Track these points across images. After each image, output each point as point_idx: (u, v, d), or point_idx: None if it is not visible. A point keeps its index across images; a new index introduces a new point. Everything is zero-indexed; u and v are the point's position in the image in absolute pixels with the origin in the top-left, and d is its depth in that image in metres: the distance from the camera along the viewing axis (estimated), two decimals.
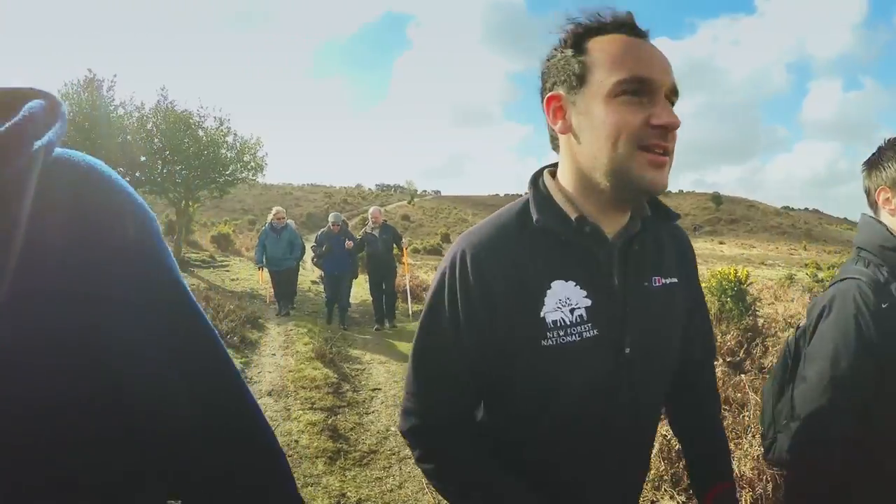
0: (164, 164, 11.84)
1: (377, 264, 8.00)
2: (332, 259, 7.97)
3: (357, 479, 3.49)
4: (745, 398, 3.97)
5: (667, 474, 3.31)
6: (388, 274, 8.10)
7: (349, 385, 5.15)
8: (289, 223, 8.86)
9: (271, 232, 8.52)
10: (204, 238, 17.22)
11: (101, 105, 10.95)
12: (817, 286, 14.84)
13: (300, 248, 8.91)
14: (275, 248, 8.49)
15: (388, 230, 8.16)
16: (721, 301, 6.58)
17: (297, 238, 8.82)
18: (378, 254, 7.99)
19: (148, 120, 11.56)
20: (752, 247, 51.61)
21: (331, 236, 8.01)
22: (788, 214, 78.34)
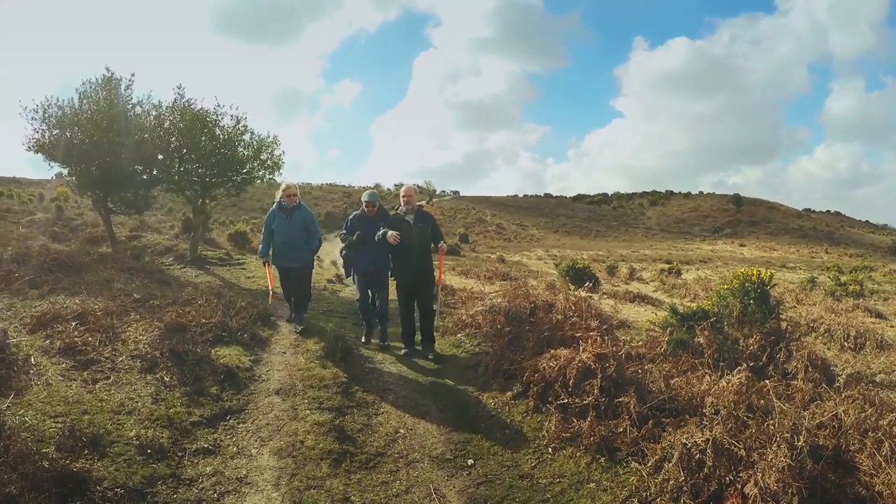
0: (181, 163, 11.84)
1: (408, 263, 6.10)
2: (367, 251, 6.27)
3: (362, 482, 3.39)
4: (770, 405, 3.76)
5: (687, 484, 3.14)
6: (423, 278, 6.21)
7: (359, 385, 5.03)
8: (303, 204, 6.92)
9: (280, 213, 6.66)
10: (221, 236, 17.30)
11: (118, 103, 10.97)
12: (839, 290, 14.44)
13: (317, 236, 7.02)
14: (286, 234, 6.63)
15: (424, 218, 6.27)
16: (743, 303, 6.34)
17: (313, 222, 6.93)
18: (410, 248, 6.03)
19: (165, 118, 11.54)
20: (773, 249, 50.55)
21: (365, 221, 6.37)
22: (809, 217, 76.51)
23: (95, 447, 3.29)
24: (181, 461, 3.43)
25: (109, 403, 3.92)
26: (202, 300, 6.72)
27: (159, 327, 5.48)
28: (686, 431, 3.50)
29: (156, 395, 4.19)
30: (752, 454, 3.21)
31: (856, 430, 3.41)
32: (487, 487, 3.42)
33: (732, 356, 5.11)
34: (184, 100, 11.67)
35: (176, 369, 4.64)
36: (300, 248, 6.78)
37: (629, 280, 17.02)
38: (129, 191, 11.92)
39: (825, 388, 4.22)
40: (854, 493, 3.01)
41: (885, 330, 7.93)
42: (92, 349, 4.72)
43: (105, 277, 7.78)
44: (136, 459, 3.28)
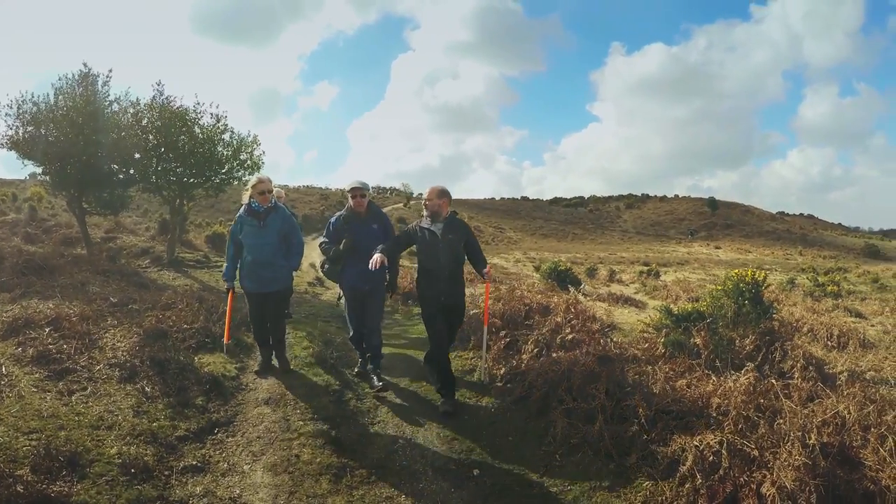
0: (159, 162, 11.47)
1: (434, 289, 4.73)
2: (358, 262, 4.78)
3: (365, 498, 3.21)
4: (776, 405, 3.71)
5: (703, 487, 3.06)
6: (455, 305, 4.85)
7: (352, 393, 4.83)
8: (281, 205, 5.29)
9: (250, 219, 4.95)
10: (199, 238, 16.86)
11: (96, 100, 10.55)
12: (818, 291, 14.68)
13: (300, 249, 5.30)
14: (259, 248, 4.94)
15: (457, 228, 4.84)
16: (738, 304, 6.31)
17: (294, 229, 5.26)
18: (439, 268, 4.71)
19: (143, 116, 11.20)
20: (748, 251, 51.60)
21: (353, 223, 4.96)
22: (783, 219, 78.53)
23: (74, 467, 3.03)
24: (168, 481, 3.19)
25: (87, 417, 3.65)
26: (183, 304, 6.43)
27: (138, 333, 5.21)
28: (698, 433, 3.41)
29: (137, 407, 3.93)
30: (765, 454, 3.18)
31: (858, 427, 3.38)
32: (497, 498, 3.26)
33: (728, 357, 5.07)
34: (163, 97, 11.36)
35: (158, 378, 4.38)
36: (278, 267, 5.04)
37: (609, 282, 17.07)
38: (105, 191, 11.51)
39: (822, 387, 4.18)
40: (863, 489, 2.97)
41: (867, 329, 8.05)
42: (67, 357, 4.43)
43: (80, 280, 7.44)
44: (119, 480, 3.03)
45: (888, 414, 3.50)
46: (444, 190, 4.93)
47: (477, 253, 4.94)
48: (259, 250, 4.96)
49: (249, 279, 5.06)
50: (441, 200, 4.85)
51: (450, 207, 5.00)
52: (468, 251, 4.93)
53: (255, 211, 4.98)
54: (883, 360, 6.18)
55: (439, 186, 4.95)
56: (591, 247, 48.85)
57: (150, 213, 28.06)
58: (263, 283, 5.03)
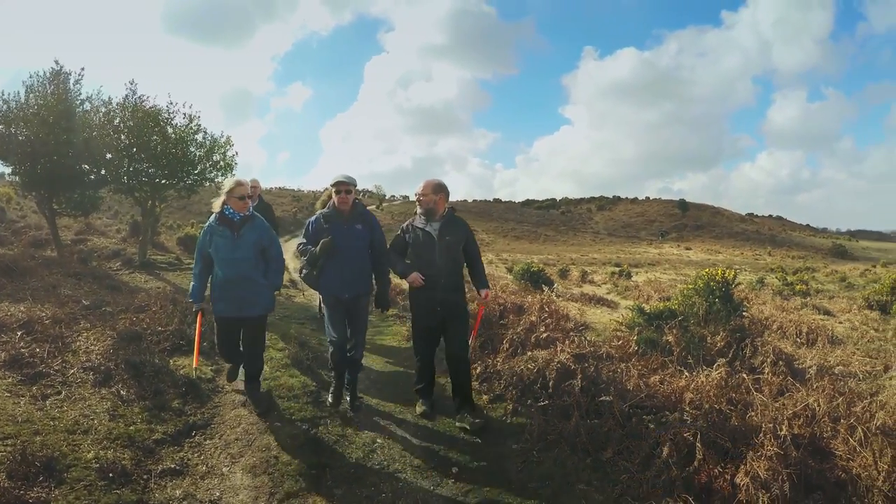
0: (131, 162, 11.19)
1: (430, 294, 4.29)
2: (339, 267, 4.31)
3: (346, 497, 3.22)
4: (747, 398, 3.85)
5: (679, 478, 3.15)
6: (453, 315, 4.35)
7: (329, 394, 4.82)
8: (257, 216, 4.48)
9: (222, 229, 4.23)
10: (170, 240, 16.58)
11: (67, 99, 10.32)
12: (787, 290, 15.08)
13: (280, 265, 4.64)
14: (232, 263, 4.23)
15: (455, 227, 4.38)
16: (709, 302, 6.48)
17: (274, 242, 4.51)
18: (434, 273, 4.27)
19: (115, 115, 10.94)
20: (718, 252, 52.73)
21: (335, 223, 4.34)
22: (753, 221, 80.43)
23: (51, 472, 2.99)
24: (147, 485, 3.16)
25: (63, 422, 3.59)
26: (156, 307, 6.33)
27: (112, 336, 5.13)
28: (672, 427, 3.51)
29: (113, 410, 3.87)
30: (738, 445, 3.30)
31: (828, 419, 3.53)
32: (476, 495, 3.30)
33: (700, 353, 5.20)
34: (135, 96, 11.12)
35: (133, 382, 4.32)
36: (256, 285, 4.29)
37: (582, 283, 17.29)
38: (76, 191, 11.24)
39: (792, 381, 4.33)
40: (834, 477, 3.11)
41: (835, 326, 8.31)
42: (40, 361, 4.35)
43: (51, 283, 7.27)
44: (97, 485, 2.99)
45: (857, 405, 3.65)
46: (441, 184, 4.37)
47: (476, 263, 4.50)
48: (233, 266, 4.23)
49: (221, 300, 4.26)
50: (437, 196, 4.31)
51: (447, 203, 4.43)
52: (467, 258, 4.46)
53: (228, 219, 4.23)
54: (851, 355, 6.40)
55: (435, 180, 4.39)
56: (564, 248, 49.40)
57: (120, 215, 27.53)
58: (238, 306, 4.27)
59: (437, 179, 4.41)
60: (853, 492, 3.02)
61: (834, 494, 3.02)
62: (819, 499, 2.97)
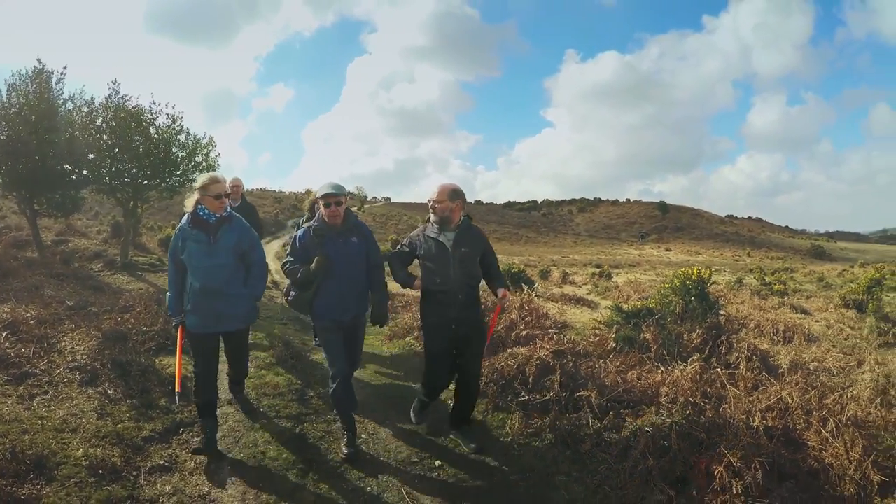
0: (113, 163, 11.10)
1: (445, 313, 3.83)
2: (336, 287, 3.81)
3: (332, 491, 3.30)
4: (721, 392, 4.00)
5: (655, 468, 3.27)
6: (469, 336, 3.91)
7: (314, 391, 4.90)
8: (235, 216, 3.91)
9: (196, 233, 3.69)
10: (152, 241, 16.46)
11: (49, 98, 10.21)
12: (765, 289, 15.37)
13: (262, 269, 4.04)
14: (208, 271, 3.69)
15: (472, 239, 3.95)
16: (685, 300, 6.65)
17: (255, 245, 3.99)
18: (450, 289, 3.80)
19: (98, 115, 10.87)
20: (698, 253, 53.43)
21: (328, 237, 3.82)
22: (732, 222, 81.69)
23: (41, 470, 3.04)
24: (137, 481, 3.21)
25: (51, 421, 3.64)
26: (141, 307, 6.36)
27: (97, 336, 5.16)
28: (648, 419, 3.66)
29: (100, 409, 3.92)
30: (712, 436, 3.44)
31: (801, 411, 3.70)
32: (459, 488, 3.41)
33: (677, 350, 5.35)
34: (118, 96, 11.04)
35: (119, 381, 4.37)
36: (236, 297, 3.77)
37: (562, 284, 17.47)
38: (58, 192, 11.12)
39: (766, 376, 4.50)
40: (807, 467, 3.27)
41: (811, 324, 8.52)
42: (26, 361, 4.38)
43: (34, 284, 7.25)
44: (87, 482, 3.04)
45: (828, 398, 3.84)
46: (458, 189, 3.90)
47: (494, 269, 4.08)
48: (209, 275, 3.68)
49: (196, 314, 3.70)
50: (454, 203, 3.85)
51: (463, 212, 3.98)
52: (485, 268, 4.03)
53: (203, 221, 3.70)
54: (826, 351, 6.60)
55: (451, 184, 3.91)
56: (545, 249, 49.76)
57: (101, 216, 27.12)
58: (216, 320, 3.73)
59: (452, 184, 3.92)
60: (825, 480, 3.18)
61: (807, 483, 3.18)
62: (792, 487, 3.11)
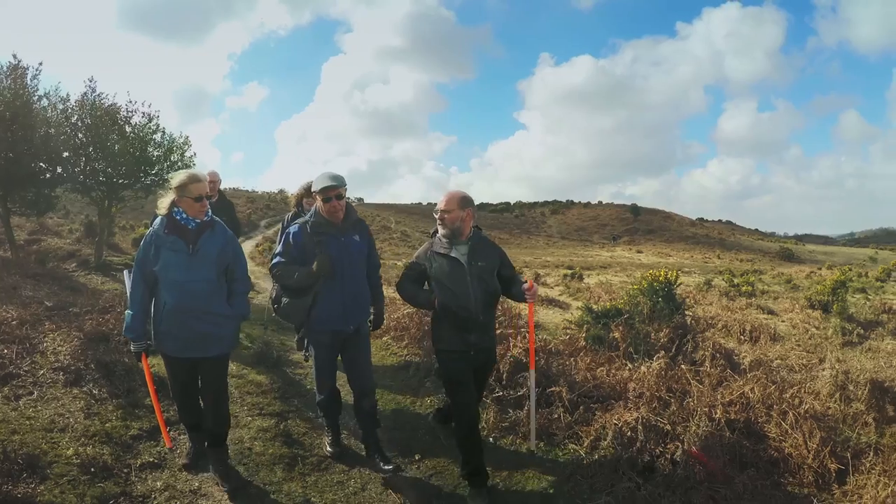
0: (88, 161, 11.00)
1: (464, 335, 3.42)
2: (337, 293, 3.44)
3: (318, 484, 3.45)
4: (686, 387, 4.24)
5: (624, 458, 3.52)
6: (488, 359, 3.70)
7: (295, 389, 5.05)
8: (218, 222, 3.40)
9: (172, 239, 3.19)
10: (125, 241, 16.28)
11: (25, 94, 9.95)
12: (733, 291, 15.85)
13: (245, 284, 3.58)
14: (184, 290, 3.17)
15: (488, 250, 3.61)
16: (653, 301, 6.93)
17: (239, 254, 3.50)
18: (469, 311, 3.40)
19: (73, 113, 10.75)
20: (669, 255, 54.38)
21: (327, 234, 3.44)
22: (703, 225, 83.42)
23: (34, 469, 3.10)
24: (128, 478, 3.30)
25: (39, 421, 3.69)
26: (121, 308, 6.38)
27: (79, 337, 5.17)
28: (616, 413, 3.88)
29: (87, 409, 3.98)
30: (676, 428, 3.67)
31: (762, 405, 3.96)
32: (438, 479, 3.59)
33: (645, 348, 5.59)
34: (95, 94, 10.93)
35: (104, 381, 4.42)
36: (218, 317, 3.26)
37: None
38: (31, 190, 10.97)
39: (730, 373, 4.78)
40: (767, 456, 3.54)
41: (777, 324, 8.87)
42: (9, 362, 4.38)
43: (11, 284, 7.20)
44: (80, 480, 3.12)
45: (788, 393, 4.12)
46: (467, 196, 3.52)
47: (511, 278, 3.66)
48: (187, 291, 3.14)
49: (171, 338, 3.19)
50: (464, 212, 3.46)
51: (474, 221, 3.60)
52: (504, 281, 3.62)
53: (181, 227, 3.17)
54: (789, 350, 6.93)
55: (459, 192, 3.52)
56: (517, 251, 50.19)
57: (72, 214, 26.56)
58: (195, 344, 3.21)
59: (461, 191, 3.54)
60: (785, 468, 3.45)
61: (767, 471, 3.44)
62: (753, 474, 3.36)
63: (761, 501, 3.19)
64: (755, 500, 3.20)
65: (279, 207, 69.80)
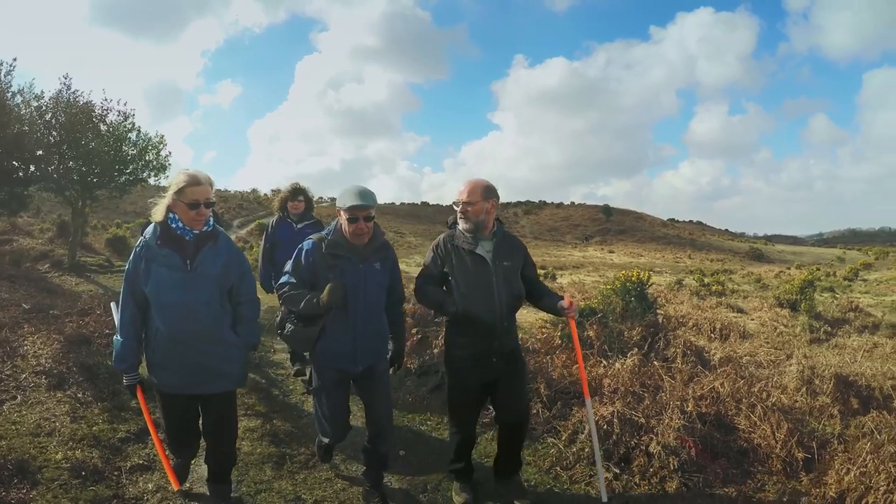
0: (62, 160, 10.82)
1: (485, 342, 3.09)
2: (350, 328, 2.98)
3: (307, 481, 3.53)
4: (660, 383, 4.44)
5: (601, 450, 3.66)
6: (513, 367, 3.22)
7: (278, 390, 5.13)
8: (222, 233, 2.92)
9: (166, 253, 2.71)
10: (98, 241, 15.97)
11: None
12: (703, 290, 16.29)
13: (254, 306, 3.07)
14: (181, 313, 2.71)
15: (514, 247, 3.27)
16: (625, 300, 7.15)
17: (245, 272, 2.98)
18: (492, 316, 3.06)
19: (47, 110, 10.56)
20: (641, 255, 55.21)
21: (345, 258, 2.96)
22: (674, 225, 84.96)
23: (25, 474, 3.11)
24: (120, 480, 3.32)
25: (25, 426, 3.70)
26: (101, 310, 6.37)
27: (59, 339, 5.16)
28: (592, 407, 4.03)
29: (73, 413, 3.99)
30: (650, 421, 3.87)
31: (732, 399, 4.19)
32: (423, 474, 3.70)
33: (619, 346, 5.78)
34: (70, 91, 10.74)
35: (88, 384, 4.44)
36: (222, 346, 2.83)
37: None
38: (4, 189, 10.75)
39: (701, 369, 5.00)
40: (737, 447, 3.76)
41: (747, 323, 9.18)
42: None
43: None
44: (72, 484, 3.14)
45: (756, 387, 4.37)
46: (491, 186, 3.15)
47: (539, 282, 3.38)
48: (184, 316, 2.71)
49: (166, 371, 2.78)
50: (488, 203, 3.11)
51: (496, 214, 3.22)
52: (528, 282, 3.28)
53: (177, 238, 2.73)
54: (758, 347, 7.22)
55: (482, 180, 3.14)
56: None
57: (43, 213, 25.86)
58: (195, 378, 2.79)
59: (483, 180, 3.14)
60: (755, 458, 3.68)
61: (738, 460, 3.67)
62: (724, 464, 3.59)
63: (733, 488, 3.41)
64: (727, 487, 3.43)
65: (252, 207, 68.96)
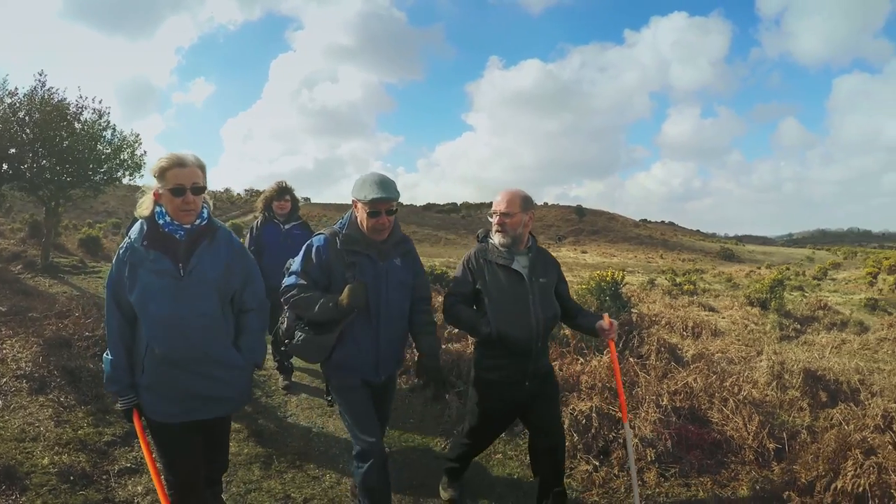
0: (35, 159, 10.55)
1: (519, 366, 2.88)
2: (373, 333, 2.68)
3: (295, 480, 3.60)
4: (635, 379, 4.61)
5: (580, 444, 3.85)
6: (547, 390, 3.02)
7: (261, 391, 5.15)
8: (221, 228, 2.45)
9: (154, 256, 2.26)
10: (71, 242, 15.65)
11: None
12: (676, 289, 16.67)
13: (263, 316, 2.63)
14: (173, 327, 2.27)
15: (549, 263, 3.07)
16: (600, 300, 7.35)
17: (251, 274, 2.56)
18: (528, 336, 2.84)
19: (21, 108, 10.29)
20: (613, 255, 55.96)
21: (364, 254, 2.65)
22: (646, 226, 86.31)
23: (12, 480, 3.10)
24: (109, 484, 3.32)
25: (9, 431, 3.68)
26: (79, 312, 6.30)
27: (38, 343, 5.11)
28: (571, 403, 4.20)
29: (57, 417, 3.97)
30: None
31: (705, 393, 4.38)
32: (409, 472, 3.79)
33: (594, 344, 5.94)
34: (44, 89, 10.52)
35: (70, 388, 4.40)
36: (223, 366, 2.42)
37: None
38: None
39: (674, 365, 5.20)
40: (711, 439, 3.94)
41: (718, 321, 9.46)
42: None
43: None
44: (61, 489, 3.13)
45: (728, 381, 4.58)
46: (529, 197, 2.96)
47: (570, 299, 3.16)
48: (177, 330, 2.30)
49: (156, 396, 2.35)
50: (527, 215, 2.91)
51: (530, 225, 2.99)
52: (562, 299, 3.07)
53: (165, 237, 2.32)
54: (730, 344, 7.49)
55: (519, 190, 2.94)
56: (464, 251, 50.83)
57: (13, 213, 25.12)
58: (192, 403, 2.40)
59: (521, 189, 2.94)
60: (728, 449, 3.88)
61: (712, 451, 3.85)
62: (699, 454, 3.77)
63: (708, 478, 3.61)
64: (702, 476, 3.62)
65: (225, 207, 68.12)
